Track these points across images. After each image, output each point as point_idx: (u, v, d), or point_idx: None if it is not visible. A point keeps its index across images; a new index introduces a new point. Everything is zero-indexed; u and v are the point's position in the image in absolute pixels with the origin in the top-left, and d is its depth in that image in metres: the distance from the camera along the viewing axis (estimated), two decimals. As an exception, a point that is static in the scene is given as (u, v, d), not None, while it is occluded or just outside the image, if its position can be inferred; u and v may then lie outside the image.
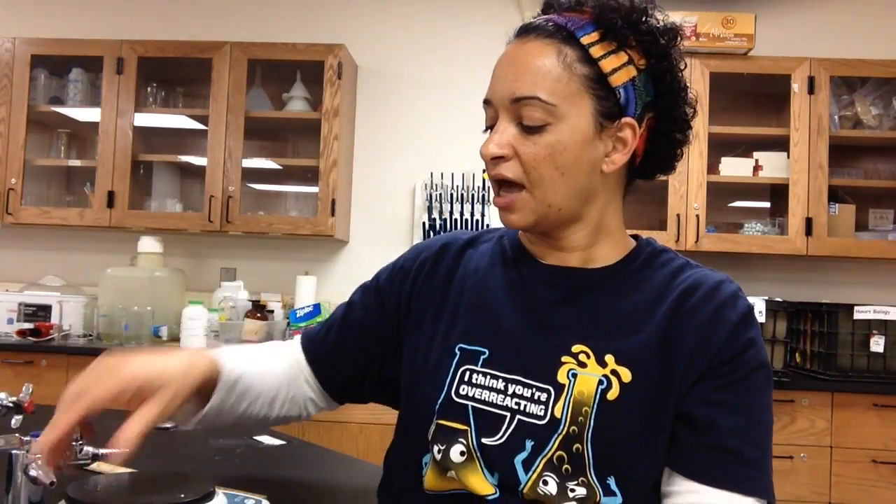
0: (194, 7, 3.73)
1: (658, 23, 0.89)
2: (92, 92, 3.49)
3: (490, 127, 0.90)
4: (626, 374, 0.85)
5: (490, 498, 0.86)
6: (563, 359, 0.87)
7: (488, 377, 0.89)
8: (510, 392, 0.88)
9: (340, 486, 1.04)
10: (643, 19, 0.87)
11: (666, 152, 0.94)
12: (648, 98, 0.89)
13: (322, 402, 1.07)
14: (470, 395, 0.89)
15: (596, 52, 0.86)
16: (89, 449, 0.90)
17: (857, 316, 2.88)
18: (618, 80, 0.87)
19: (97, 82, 3.43)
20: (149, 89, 3.48)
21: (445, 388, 0.90)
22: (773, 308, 2.82)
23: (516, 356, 0.89)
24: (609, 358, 0.86)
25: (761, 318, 2.79)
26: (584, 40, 0.86)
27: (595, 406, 0.84)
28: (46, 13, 3.77)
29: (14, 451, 0.83)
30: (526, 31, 0.89)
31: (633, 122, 0.88)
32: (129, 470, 1.02)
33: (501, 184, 0.89)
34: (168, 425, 1.47)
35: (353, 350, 1.03)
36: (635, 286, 0.91)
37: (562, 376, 0.86)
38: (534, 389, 0.87)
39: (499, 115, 0.88)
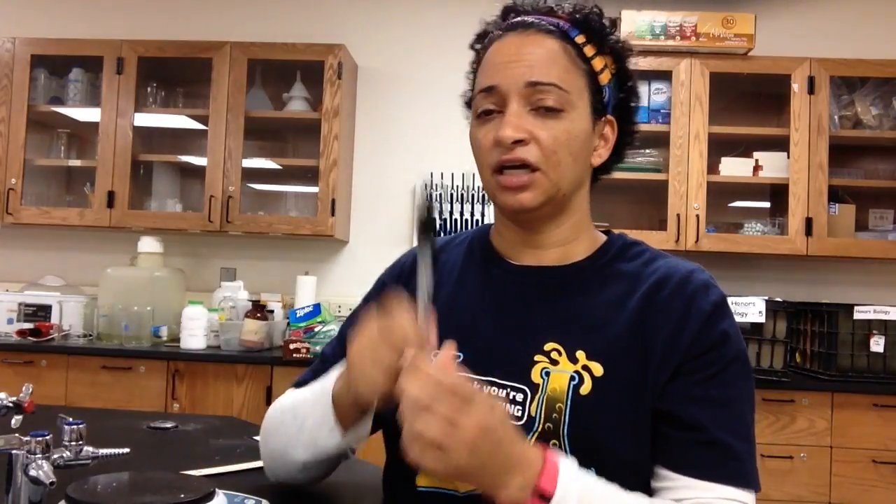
0: (194, 7, 3.72)
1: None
2: (92, 92, 3.49)
3: (486, 112, 0.91)
4: (597, 369, 0.86)
5: (479, 492, 0.87)
6: (536, 358, 0.89)
7: None
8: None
9: (340, 486, 1.04)
10: (614, 27, 0.95)
11: (621, 149, 1.00)
12: (614, 100, 0.96)
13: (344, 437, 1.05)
14: None
15: (588, 51, 0.92)
16: (89, 449, 0.90)
17: (857, 316, 2.88)
18: (604, 79, 0.93)
19: (97, 82, 3.43)
20: (149, 89, 3.48)
21: None
22: (773, 308, 2.82)
23: (490, 358, 0.91)
24: (580, 354, 0.87)
25: (761, 318, 2.79)
26: (578, 40, 0.91)
27: (568, 402, 0.86)
28: (46, 13, 3.77)
29: (14, 451, 0.83)
30: (523, 26, 0.91)
31: (614, 119, 0.95)
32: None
33: (513, 166, 0.89)
34: (168, 425, 1.47)
35: None
36: (606, 281, 0.93)
37: (535, 376, 0.88)
38: (509, 390, 0.88)
39: (507, 101, 0.89)
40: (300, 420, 0.94)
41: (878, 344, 2.87)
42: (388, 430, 1.00)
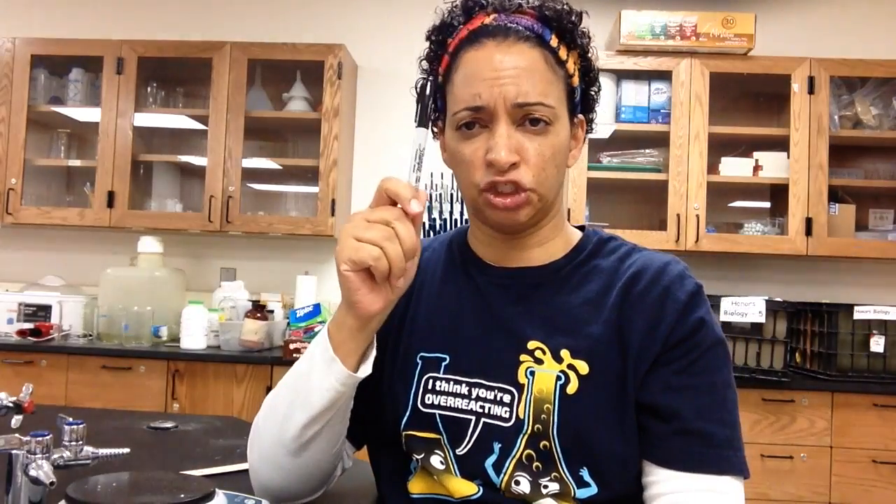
0: (194, 7, 3.73)
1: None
2: (92, 92, 3.49)
3: (467, 125, 0.88)
4: (582, 367, 0.86)
5: (474, 497, 0.87)
6: (521, 357, 0.88)
7: (451, 383, 0.90)
8: (473, 395, 0.89)
9: (340, 486, 1.04)
10: (580, 21, 0.91)
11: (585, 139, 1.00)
12: (580, 96, 0.94)
13: (348, 453, 1.02)
14: (436, 403, 0.90)
15: (562, 54, 0.89)
16: (89, 449, 0.90)
17: (857, 316, 2.88)
18: (575, 80, 0.91)
19: (97, 82, 3.43)
20: (149, 89, 3.48)
21: (411, 400, 0.91)
22: (773, 308, 2.82)
23: (476, 359, 0.90)
24: (565, 353, 0.87)
25: (761, 318, 2.79)
26: (552, 43, 0.89)
27: (556, 402, 0.85)
28: (46, 13, 3.77)
29: (14, 451, 0.83)
30: (502, 33, 0.88)
31: (583, 118, 0.95)
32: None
33: (505, 185, 0.87)
34: (168, 425, 1.47)
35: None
36: (585, 277, 0.93)
37: (521, 375, 0.88)
38: (496, 391, 0.88)
39: (495, 119, 0.86)
40: (292, 383, 0.88)
41: (878, 344, 2.87)
42: (376, 440, 0.99)
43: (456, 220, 3.42)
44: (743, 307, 2.79)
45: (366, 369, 0.84)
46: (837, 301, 3.01)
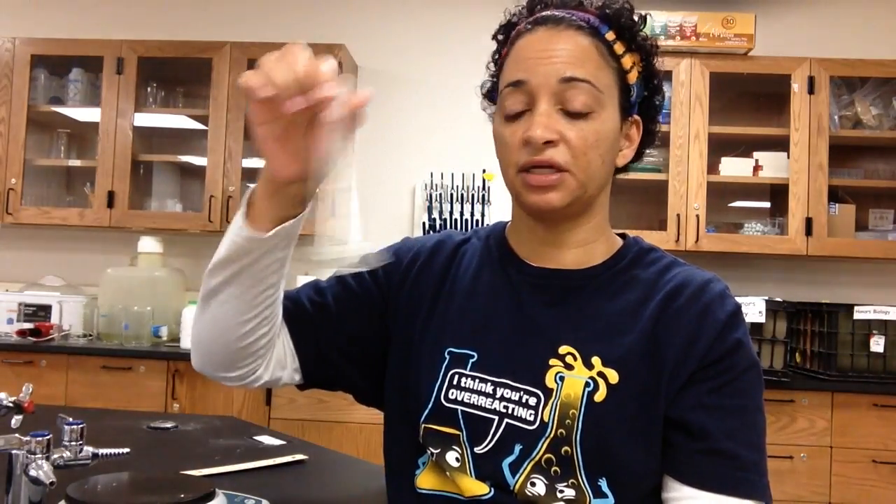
0: (194, 7, 3.72)
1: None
2: (92, 92, 3.49)
3: (517, 113, 0.88)
4: (612, 376, 0.85)
5: (485, 497, 0.86)
6: (551, 361, 0.87)
7: (477, 381, 0.89)
8: (498, 395, 0.88)
9: (340, 486, 1.04)
10: (644, 24, 0.92)
11: (641, 148, 0.98)
12: (639, 98, 0.94)
13: (291, 369, 0.99)
14: (459, 399, 0.89)
15: (618, 49, 0.89)
16: (89, 449, 0.90)
17: (857, 316, 2.88)
18: (632, 78, 0.91)
19: (97, 82, 3.43)
20: (149, 89, 3.48)
21: (435, 393, 0.91)
22: (773, 308, 2.82)
23: (504, 359, 0.89)
24: (596, 360, 0.86)
25: (761, 318, 2.79)
26: (608, 37, 0.89)
27: (582, 409, 0.84)
28: (46, 13, 3.77)
29: (14, 451, 0.83)
30: (554, 22, 0.88)
31: (640, 119, 0.94)
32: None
33: (541, 166, 0.86)
34: (168, 425, 1.47)
35: (337, 313, 0.99)
36: (623, 286, 0.91)
37: (549, 380, 0.87)
38: (522, 393, 0.87)
39: (536, 99, 0.86)
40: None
41: (878, 344, 2.87)
42: (392, 429, 0.99)
43: (456, 220, 3.42)
44: (743, 307, 2.78)
45: (276, 234, 0.85)
46: (837, 301, 3.01)
